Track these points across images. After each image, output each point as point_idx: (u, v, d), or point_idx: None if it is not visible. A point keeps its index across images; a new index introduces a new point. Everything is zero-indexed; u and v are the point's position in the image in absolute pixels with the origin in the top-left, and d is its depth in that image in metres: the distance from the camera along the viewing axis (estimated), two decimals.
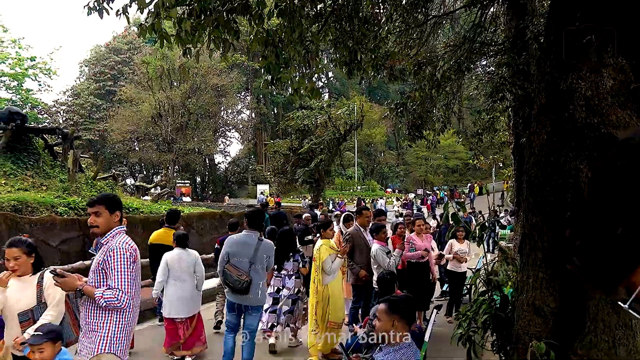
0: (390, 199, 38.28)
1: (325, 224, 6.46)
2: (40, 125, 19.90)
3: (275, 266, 6.44)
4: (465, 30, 7.48)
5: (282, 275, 6.71)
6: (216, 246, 7.53)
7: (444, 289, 9.35)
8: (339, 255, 6.17)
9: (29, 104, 38.62)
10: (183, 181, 40.83)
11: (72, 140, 15.68)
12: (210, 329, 7.03)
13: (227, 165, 59.50)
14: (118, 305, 3.14)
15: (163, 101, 37.88)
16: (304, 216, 10.64)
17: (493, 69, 7.70)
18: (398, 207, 27.68)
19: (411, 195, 39.88)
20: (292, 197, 40.53)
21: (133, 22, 50.71)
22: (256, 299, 5.26)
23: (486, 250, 7.85)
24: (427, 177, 50.22)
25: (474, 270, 8.75)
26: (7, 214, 9.30)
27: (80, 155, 15.71)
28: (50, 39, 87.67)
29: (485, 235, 4.26)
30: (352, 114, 24.98)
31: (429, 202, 32.86)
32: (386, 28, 6.78)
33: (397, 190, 48.11)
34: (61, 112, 49.77)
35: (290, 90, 5.37)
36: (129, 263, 3.22)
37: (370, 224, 7.07)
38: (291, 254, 6.78)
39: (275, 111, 61.62)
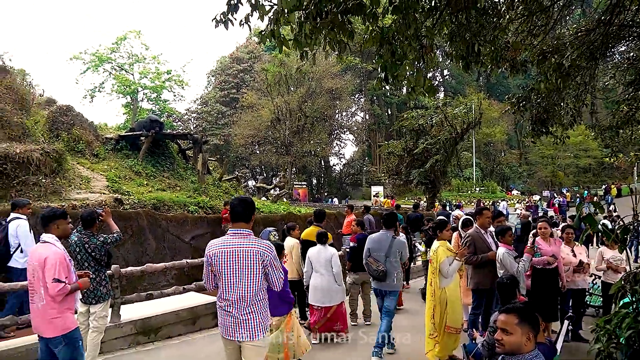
0: (512, 202, 35.95)
1: (441, 224, 6.23)
2: (174, 132, 21.86)
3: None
4: (600, 12, 6.71)
5: None
6: (351, 244, 7.91)
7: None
8: (456, 257, 5.87)
9: (166, 113, 42.99)
10: (300, 183, 42.33)
11: (201, 145, 17.01)
12: None
13: (341, 167, 60.42)
14: None
15: (281, 106, 39.64)
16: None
17: (635, 54, 6.81)
18: (521, 210, 25.87)
19: (536, 198, 36.98)
20: (406, 198, 39.97)
21: (254, 31, 54.07)
22: (392, 285, 6.32)
23: (630, 256, 6.93)
24: (553, 177, 46.29)
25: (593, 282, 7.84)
26: (148, 211, 10.31)
27: (208, 159, 17.04)
28: (183, 53, 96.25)
29: (628, 240, 3.76)
30: (469, 112, 23.89)
31: (556, 204, 30.12)
32: (507, 17, 6.33)
33: (520, 192, 45.00)
34: (192, 119, 54.48)
35: (405, 88, 5.25)
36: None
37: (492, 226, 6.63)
38: None
39: (389, 112, 61.28)
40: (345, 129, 58.47)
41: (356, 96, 59.64)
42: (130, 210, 10.56)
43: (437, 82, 61.07)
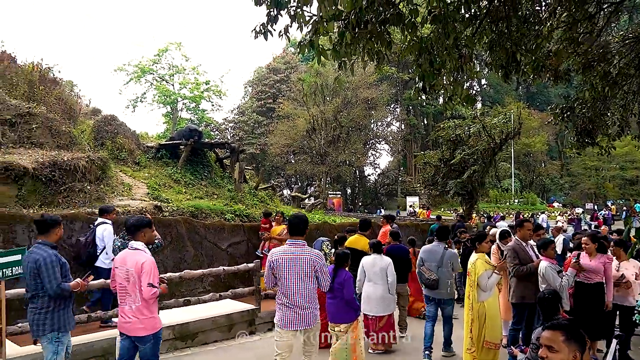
0: (553, 214, 34.85)
1: (480, 236, 6.12)
2: (212, 141, 22.29)
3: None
4: None
5: None
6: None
7: None
8: (496, 271, 5.72)
9: (204, 122, 43.84)
10: (334, 192, 42.31)
11: (238, 154, 17.27)
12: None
13: (376, 177, 60.10)
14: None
15: (317, 116, 39.78)
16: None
17: None
18: (563, 223, 25.06)
19: (578, 210, 35.69)
20: (443, 209, 39.36)
21: (290, 42, 54.68)
22: (445, 293, 6.68)
23: None
24: (597, 189, 44.62)
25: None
26: (187, 219, 10.51)
27: (244, 167, 17.27)
28: (221, 64, 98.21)
29: None
30: (508, 121, 23.37)
31: (600, 217, 28.94)
32: (548, 24, 6.18)
33: (561, 205, 43.58)
34: (229, 128, 55.37)
35: (443, 98, 5.20)
36: None
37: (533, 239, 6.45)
38: None
39: (425, 122, 60.70)
40: (380, 139, 58.26)
41: (392, 106, 59.40)
42: (169, 217, 10.74)
43: (474, 92, 60.09)
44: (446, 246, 6.85)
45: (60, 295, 4.44)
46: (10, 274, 5.06)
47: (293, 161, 49.92)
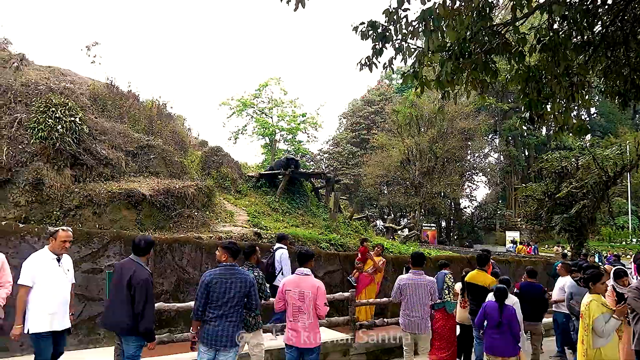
0: None
1: (594, 276, 5.61)
2: (309, 171, 22.94)
3: None
4: None
5: None
6: (515, 290, 7.99)
7: None
8: (614, 315, 5.22)
9: (300, 153, 45.44)
10: (429, 224, 41.14)
11: (333, 184, 17.59)
12: None
13: (473, 210, 57.50)
14: None
15: (411, 147, 39.41)
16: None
17: None
18: None
19: None
20: (546, 246, 36.70)
21: (386, 74, 54.78)
22: None
23: None
24: None
25: None
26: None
27: (339, 198, 17.51)
28: (317, 96, 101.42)
29: None
30: (623, 153, 21.46)
31: None
32: None
33: None
34: (324, 159, 56.61)
35: (553, 128, 4.96)
36: None
37: None
38: None
39: (527, 153, 57.58)
40: (477, 171, 56.00)
41: (489, 136, 57.15)
42: (268, 243, 11.11)
43: (585, 121, 55.89)
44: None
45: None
46: None
47: (386, 192, 49.81)
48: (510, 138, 55.64)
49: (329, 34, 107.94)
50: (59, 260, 5.21)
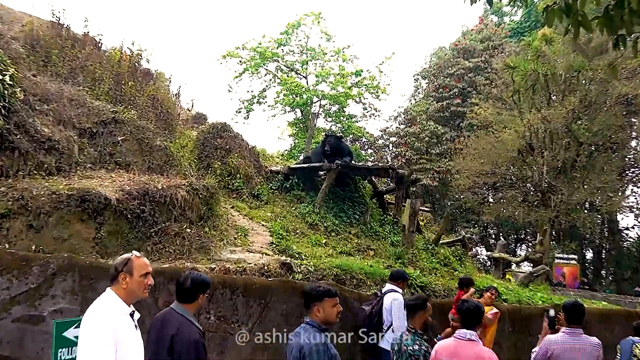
0: None
1: None
2: (368, 165, 19.53)
3: None
4: None
5: None
6: None
7: None
8: None
9: (351, 135, 33.50)
10: (565, 255, 30.16)
11: (407, 186, 15.43)
12: None
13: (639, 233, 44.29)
14: None
15: (536, 126, 26.81)
16: None
17: None
18: None
19: None
20: None
21: (492, 9, 33.07)
22: None
23: None
24: None
25: None
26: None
27: (418, 208, 12.66)
28: (379, 44, 72.60)
29: None
30: None
31: None
32: None
33: None
34: (390, 145, 41.84)
35: None
36: None
37: None
38: None
39: None
40: None
41: None
42: (303, 281, 8.70)
43: None
44: None
45: None
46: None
47: (493, 200, 36.21)
48: None
49: None
50: (131, 315, 3.88)
